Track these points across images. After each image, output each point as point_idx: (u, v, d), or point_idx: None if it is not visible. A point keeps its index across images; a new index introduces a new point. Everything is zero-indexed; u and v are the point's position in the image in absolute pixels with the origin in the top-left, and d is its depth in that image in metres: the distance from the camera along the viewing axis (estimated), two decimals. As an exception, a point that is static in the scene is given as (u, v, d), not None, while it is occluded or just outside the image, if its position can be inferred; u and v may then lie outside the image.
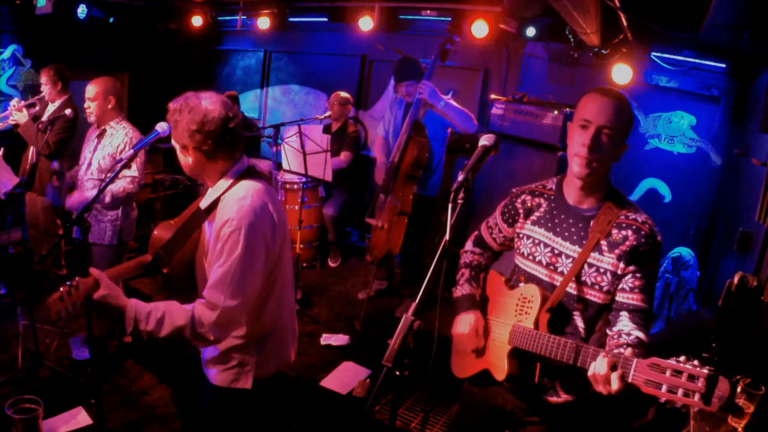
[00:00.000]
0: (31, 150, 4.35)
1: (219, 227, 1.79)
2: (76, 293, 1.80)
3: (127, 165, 2.53)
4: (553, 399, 1.81)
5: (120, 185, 3.18)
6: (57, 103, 4.32)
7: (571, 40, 4.44)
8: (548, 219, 1.81)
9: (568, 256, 1.73)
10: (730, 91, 4.38)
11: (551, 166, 4.31)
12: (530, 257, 1.83)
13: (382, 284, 4.93)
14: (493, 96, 5.15)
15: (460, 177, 1.50)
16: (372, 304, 4.63)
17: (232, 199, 1.82)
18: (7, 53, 6.00)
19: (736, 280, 2.68)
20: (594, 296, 1.71)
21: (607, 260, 1.67)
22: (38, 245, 4.63)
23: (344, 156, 5.35)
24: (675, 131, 4.68)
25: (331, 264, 5.64)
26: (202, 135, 1.78)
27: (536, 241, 1.82)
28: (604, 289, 1.69)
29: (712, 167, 4.52)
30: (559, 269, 1.75)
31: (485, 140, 1.62)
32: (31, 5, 4.90)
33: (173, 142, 1.87)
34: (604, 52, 4.26)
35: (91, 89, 3.26)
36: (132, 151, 2.39)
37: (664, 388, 1.33)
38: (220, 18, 7.16)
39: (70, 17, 5.37)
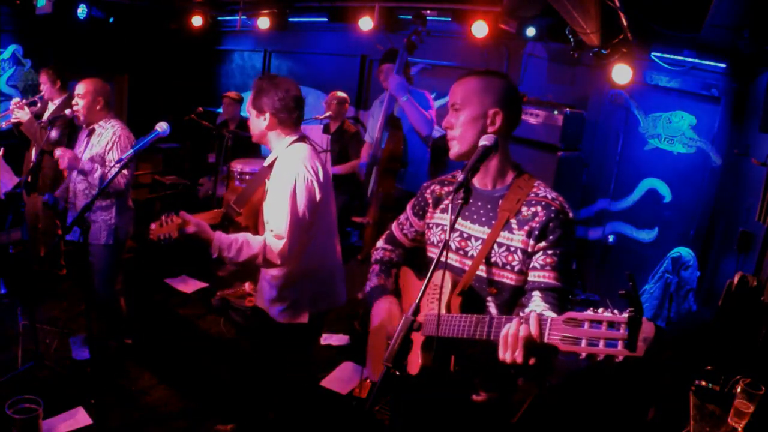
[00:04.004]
0: (33, 150, 4.36)
1: (278, 175, 2.31)
2: (170, 225, 2.11)
3: (127, 165, 2.53)
4: (475, 397, 1.75)
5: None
6: (57, 102, 4.33)
7: (571, 40, 4.44)
8: None
9: (477, 239, 1.69)
10: (730, 91, 4.37)
11: (551, 166, 4.30)
12: (440, 245, 1.78)
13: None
14: (493, 96, 5.13)
15: (460, 177, 1.49)
16: (372, 304, 4.63)
17: (289, 156, 2.35)
18: (7, 53, 6.01)
19: (736, 280, 2.68)
20: (506, 278, 1.65)
21: (517, 238, 1.62)
22: (37, 246, 4.63)
23: (353, 163, 5.25)
24: (675, 131, 4.68)
25: None
26: (281, 105, 2.35)
27: (445, 228, 1.78)
28: (516, 268, 1.63)
29: (712, 167, 4.52)
30: (469, 253, 1.70)
31: (485, 140, 1.61)
32: (31, 5, 4.90)
33: (250, 108, 2.42)
34: (604, 52, 4.26)
35: (81, 87, 3.27)
36: (132, 151, 2.39)
37: (583, 343, 1.23)
38: (220, 18, 7.15)
39: (70, 17, 5.37)
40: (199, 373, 3.58)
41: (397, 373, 1.36)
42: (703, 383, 1.98)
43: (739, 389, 1.83)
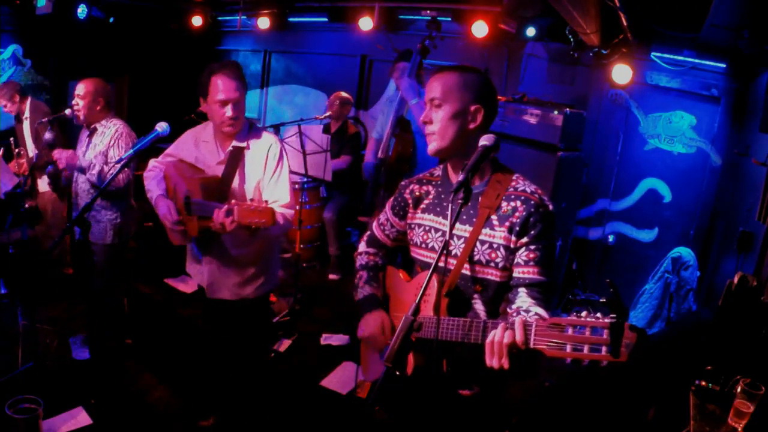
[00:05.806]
0: (33, 150, 4.36)
1: (267, 155, 2.50)
2: (260, 212, 2.14)
3: (127, 164, 2.53)
4: (464, 392, 1.75)
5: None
6: (27, 114, 4.39)
7: (571, 40, 4.44)
8: (437, 204, 1.79)
9: (459, 237, 1.68)
10: (730, 91, 4.37)
11: (551, 166, 4.30)
12: (423, 245, 1.79)
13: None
14: (493, 96, 5.14)
15: (461, 177, 1.48)
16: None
17: (267, 138, 2.56)
18: (7, 53, 6.00)
19: (736, 280, 2.68)
20: (491, 275, 1.66)
21: (498, 234, 1.62)
22: (45, 239, 4.62)
23: (343, 159, 5.31)
24: (675, 131, 4.68)
25: (332, 276, 5.39)
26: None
27: (427, 228, 1.79)
28: (500, 265, 1.63)
29: (712, 167, 4.52)
30: (453, 252, 1.69)
31: (485, 140, 1.61)
32: (31, 5, 4.90)
33: (244, 95, 2.46)
34: (604, 52, 4.26)
35: (81, 87, 3.27)
36: (132, 151, 2.39)
37: (568, 348, 1.25)
38: (220, 18, 7.16)
39: (70, 17, 5.37)
40: (200, 374, 3.57)
41: (398, 373, 1.36)
42: (703, 383, 1.98)
43: (739, 389, 1.83)
